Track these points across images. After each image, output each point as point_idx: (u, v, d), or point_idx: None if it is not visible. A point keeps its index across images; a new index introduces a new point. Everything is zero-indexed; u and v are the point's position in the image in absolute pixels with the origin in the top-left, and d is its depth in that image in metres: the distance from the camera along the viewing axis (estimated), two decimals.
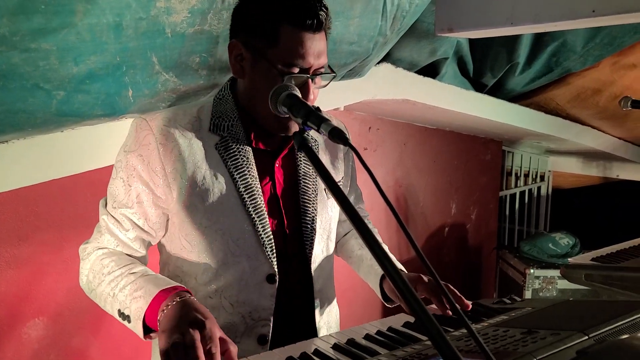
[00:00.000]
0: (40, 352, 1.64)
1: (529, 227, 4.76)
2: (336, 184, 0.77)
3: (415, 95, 2.47)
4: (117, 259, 1.12)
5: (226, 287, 1.15)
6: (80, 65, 1.20)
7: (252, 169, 1.16)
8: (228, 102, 1.18)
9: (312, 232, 1.23)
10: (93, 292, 1.13)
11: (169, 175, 1.11)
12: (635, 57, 2.83)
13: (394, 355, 0.94)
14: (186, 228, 1.14)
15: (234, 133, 1.16)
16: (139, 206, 1.13)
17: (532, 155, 4.69)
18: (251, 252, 1.15)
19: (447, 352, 0.60)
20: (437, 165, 3.56)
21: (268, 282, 1.16)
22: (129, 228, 1.14)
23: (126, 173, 1.13)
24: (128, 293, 1.04)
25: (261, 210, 1.15)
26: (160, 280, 1.06)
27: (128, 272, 1.09)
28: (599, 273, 1.89)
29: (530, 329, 0.95)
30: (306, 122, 0.86)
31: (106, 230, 1.15)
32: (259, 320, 1.16)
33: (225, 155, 1.15)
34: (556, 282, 3.22)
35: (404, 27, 1.95)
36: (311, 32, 1.06)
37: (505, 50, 2.70)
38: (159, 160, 1.11)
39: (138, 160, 1.11)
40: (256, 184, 1.16)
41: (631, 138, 4.11)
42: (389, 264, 0.68)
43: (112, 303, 1.07)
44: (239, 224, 1.14)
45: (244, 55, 1.11)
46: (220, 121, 1.17)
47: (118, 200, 1.13)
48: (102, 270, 1.11)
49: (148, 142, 1.11)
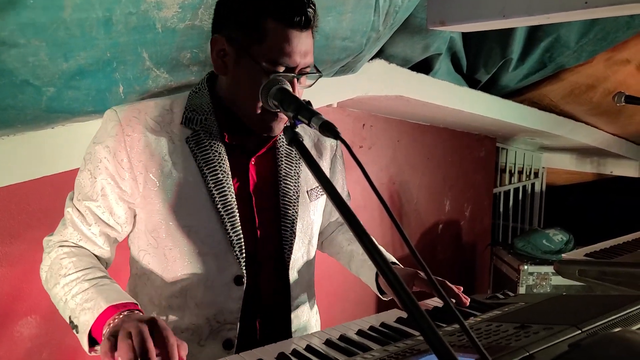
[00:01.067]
0: (32, 351, 1.63)
1: (523, 224, 4.78)
2: (327, 178, 0.77)
3: (408, 91, 2.46)
4: (77, 260, 1.08)
5: (191, 287, 1.12)
6: (70, 61, 1.19)
7: (223, 165, 1.12)
8: (204, 96, 1.15)
9: (291, 235, 1.20)
10: (49, 291, 1.09)
11: (135, 168, 1.08)
12: (629, 53, 2.83)
13: (386, 350, 0.94)
14: (152, 224, 1.11)
15: (207, 127, 1.12)
16: (103, 199, 1.09)
17: (526, 152, 4.70)
18: (219, 252, 1.11)
19: (439, 348, 0.59)
20: (431, 162, 3.56)
21: (235, 284, 1.12)
22: (93, 222, 1.10)
23: (93, 165, 1.09)
24: (79, 302, 1.00)
25: (231, 208, 1.11)
26: (112, 293, 1.00)
27: (83, 278, 1.04)
28: (592, 268, 1.89)
29: (523, 323, 0.95)
30: (297, 116, 0.85)
31: (70, 224, 1.11)
32: (224, 324, 1.12)
33: (196, 150, 1.11)
34: (550, 278, 3.23)
35: (397, 23, 1.94)
36: (298, 30, 1.03)
37: (499, 46, 2.70)
38: (125, 152, 1.08)
39: (105, 151, 1.08)
40: (227, 181, 1.12)
41: (625, 134, 4.13)
42: (380, 259, 0.67)
43: (64, 309, 1.03)
44: (206, 222, 1.10)
45: (227, 51, 1.08)
46: (194, 115, 1.13)
47: (83, 193, 1.10)
48: (59, 271, 1.06)
49: (115, 133, 1.08)
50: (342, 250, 1.43)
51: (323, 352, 0.97)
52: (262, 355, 0.96)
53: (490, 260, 3.92)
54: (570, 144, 4.07)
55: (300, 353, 0.97)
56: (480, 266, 4.16)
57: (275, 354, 0.96)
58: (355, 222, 0.71)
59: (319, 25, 1.64)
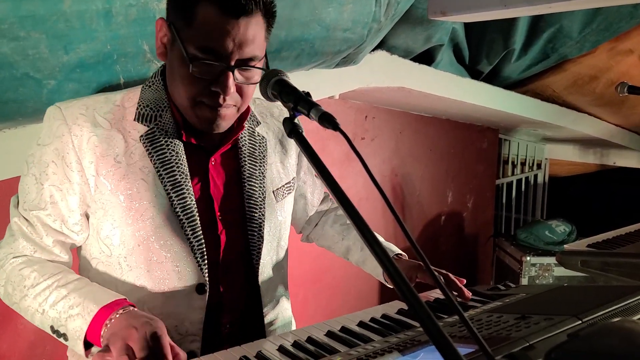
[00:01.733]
0: (36, 343, 1.64)
1: (526, 215, 4.77)
2: (328, 171, 0.76)
3: (410, 82, 2.45)
4: (40, 268, 1.00)
5: (150, 298, 1.04)
6: (71, 53, 1.18)
7: (182, 165, 1.04)
8: (158, 90, 1.06)
9: (259, 240, 1.13)
10: (15, 305, 1.01)
11: (86, 170, 1.00)
12: (632, 43, 2.81)
13: (387, 341, 0.94)
14: (105, 230, 1.02)
15: (162, 125, 1.04)
16: (53, 207, 1.01)
17: (529, 143, 4.68)
18: (178, 259, 1.04)
19: (439, 339, 0.59)
20: (433, 153, 3.55)
21: (197, 292, 1.05)
22: (44, 233, 1.02)
23: (38, 169, 1.01)
24: (62, 310, 0.94)
25: (191, 211, 1.04)
26: (99, 294, 0.95)
27: (57, 285, 0.97)
28: (594, 259, 1.89)
29: (524, 314, 0.95)
30: (296, 107, 0.84)
31: (20, 235, 1.02)
32: (186, 335, 1.06)
33: (151, 149, 1.03)
34: (552, 269, 3.23)
35: (398, 14, 1.93)
36: (233, 16, 0.93)
37: (501, 36, 2.69)
38: (74, 153, 0.99)
39: (52, 154, 1.00)
40: (186, 183, 1.04)
41: (628, 125, 4.11)
42: (380, 251, 0.67)
43: (42, 319, 0.97)
44: (164, 226, 1.02)
45: (167, 34, 1.00)
46: (147, 110, 1.05)
47: (29, 201, 1.01)
48: (22, 282, 0.99)
49: (61, 134, 1.00)
50: (335, 244, 1.39)
51: (325, 343, 0.97)
52: (263, 346, 0.96)
53: (492, 252, 3.92)
54: (573, 135, 4.05)
55: (302, 344, 0.97)
56: (483, 258, 4.16)
57: (277, 346, 0.97)
58: (355, 215, 0.71)
59: (320, 16, 1.64)
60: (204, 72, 0.97)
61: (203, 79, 0.98)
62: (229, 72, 0.96)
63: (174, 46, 0.99)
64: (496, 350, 0.78)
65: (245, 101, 1.05)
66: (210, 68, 0.96)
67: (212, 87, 0.98)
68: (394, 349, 0.88)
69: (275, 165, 1.21)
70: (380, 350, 0.89)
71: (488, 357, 0.58)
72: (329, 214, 1.44)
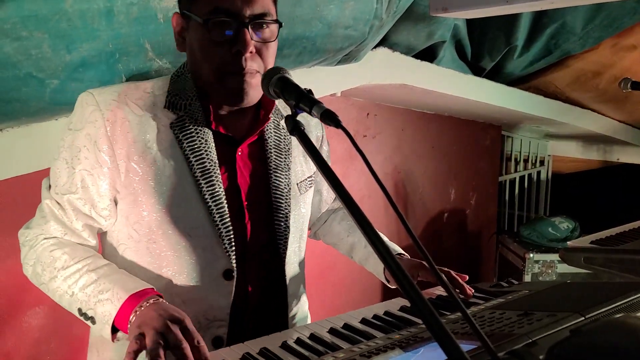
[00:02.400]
0: (41, 341, 1.65)
1: (529, 212, 4.76)
2: (330, 169, 0.76)
3: (412, 79, 2.45)
4: (70, 250, 1.03)
5: (178, 283, 1.06)
6: (73, 52, 1.19)
7: (211, 153, 1.06)
8: (187, 80, 1.08)
9: (285, 230, 1.14)
10: (43, 285, 1.04)
11: (118, 156, 1.02)
12: (635, 39, 2.80)
13: (390, 338, 0.94)
14: (134, 215, 1.04)
15: (191, 113, 1.06)
16: (84, 191, 1.03)
17: (532, 140, 4.67)
18: (206, 245, 1.05)
19: (441, 335, 0.60)
20: (436, 150, 3.55)
21: (225, 278, 1.06)
22: (74, 217, 1.04)
23: (70, 154, 1.03)
24: (91, 294, 0.97)
25: (219, 198, 1.05)
26: (128, 282, 0.98)
27: (87, 269, 1.00)
28: (598, 256, 1.89)
29: (527, 311, 0.95)
30: (298, 104, 0.84)
31: (51, 217, 1.05)
32: (214, 321, 1.07)
33: (181, 136, 1.05)
34: (556, 266, 3.23)
35: (400, 10, 1.93)
36: None
37: (504, 33, 2.68)
38: (107, 138, 1.01)
39: (84, 139, 1.02)
40: (215, 170, 1.06)
41: (631, 121, 4.09)
42: (383, 248, 0.67)
43: (71, 301, 1.00)
44: (193, 213, 1.04)
45: (183, 25, 1.05)
46: (177, 99, 1.07)
47: (60, 185, 1.04)
48: (53, 263, 1.01)
49: (94, 119, 1.01)
50: (341, 240, 1.40)
51: (327, 340, 0.97)
52: (266, 344, 0.97)
53: (495, 249, 3.92)
54: (576, 131, 4.04)
55: (304, 341, 0.98)
56: (486, 255, 4.16)
57: (279, 343, 0.97)
58: (358, 213, 0.71)
59: (322, 14, 1.64)
60: (220, 34, 0.99)
61: (222, 43, 1.00)
62: (244, 29, 0.99)
63: (189, 26, 1.03)
64: (499, 346, 0.78)
65: (268, 65, 1.05)
66: (225, 27, 0.99)
67: (232, 49, 1.00)
68: (396, 346, 0.89)
69: (298, 158, 1.23)
70: (383, 347, 0.89)
71: (491, 353, 0.58)
72: (338, 212, 1.45)
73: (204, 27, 0.99)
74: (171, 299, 1.05)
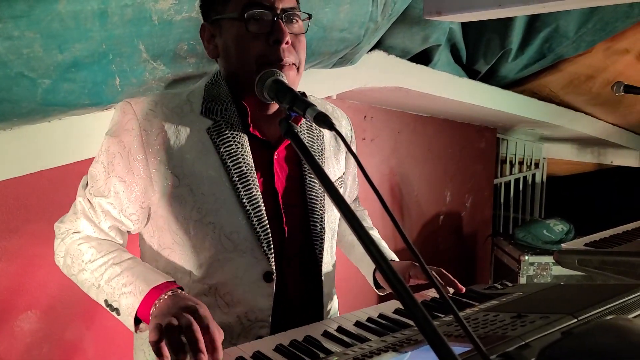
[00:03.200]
0: (33, 345, 1.64)
1: (524, 215, 4.77)
2: (322, 169, 0.76)
3: (408, 82, 2.45)
4: (97, 244, 1.08)
5: (220, 285, 1.09)
6: (65, 53, 1.18)
7: (247, 157, 1.08)
8: (221, 87, 1.11)
9: (321, 231, 1.17)
10: (73, 277, 1.10)
11: (151, 165, 1.05)
12: (628, 43, 2.82)
13: (384, 341, 0.94)
14: (174, 222, 1.08)
15: (227, 117, 1.09)
16: (115, 196, 1.07)
17: (527, 143, 4.69)
18: (246, 248, 1.08)
19: (433, 337, 0.59)
20: (431, 153, 3.55)
21: (265, 280, 1.09)
22: (103, 218, 1.09)
23: (107, 158, 1.07)
24: (116, 287, 1.01)
25: (257, 202, 1.07)
26: (150, 274, 1.02)
27: (112, 262, 1.05)
28: (592, 258, 1.89)
29: (520, 313, 0.95)
30: (292, 107, 0.84)
31: (82, 214, 1.10)
32: (255, 322, 1.10)
33: (218, 141, 1.07)
34: (551, 268, 3.23)
35: (395, 13, 1.93)
36: None
37: (498, 36, 2.69)
38: (142, 148, 1.05)
39: (119, 146, 1.06)
40: (252, 174, 1.08)
41: (625, 124, 4.11)
42: (375, 250, 0.67)
43: (98, 293, 1.04)
44: (232, 217, 1.07)
45: (213, 32, 1.08)
46: (213, 105, 1.09)
47: (97, 187, 1.08)
48: (81, 256, 1.06)
49: (131, 128, 1.05)
50: (344, 237, 1.42)
51: (321, 343, 0.97)
52: (260, 347, 0.96)
53: (491, 251, 3.92)
54: (571, 134, 4.06)
55: (298, 344, 0.97)
56: (481, 257, 4.16)
57: (273, 346, 0.97)
58: (350, 214, 0.71)
59: (317, 17, 1.64)
60: (257, 26, 1.03)
61: (259, 35, 1.03)
62: (279, 20, 1.03)
63: (223, 30, 1.06)
64: (492, 349, 0.78)
65: (302, 59, 1.09)
66: (262, 20, 1.02)
67: (269, 40, 1.03)
68: (390, 349, 0.88)
69: (330, 159, 1.25)
70: (377, 349, 0.89)
71: (482, 356, 0.58)
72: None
73: (241, 21, 1.02)
74: (215, 299, 1.09)
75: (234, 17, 1.02)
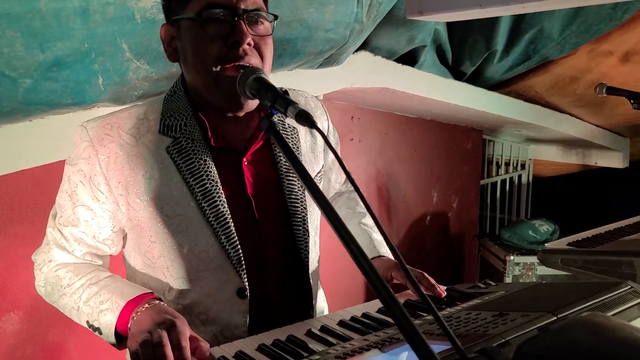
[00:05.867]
0: (15, 347, 1.62)
1: (510, 215, 4.81)
2: (303, 166, 0.76)
3: (394, 83, 2.46)
4: (74, 268, 1.07)
5: (194, 305, 1.07)
6: (47, 52, 1.17)
7: (210, 173, 1.04)
8: (180, 99, 1.06)
9: (304, 234, 1.13)
10: (55, 304, 1.09)
11: (115, 191, 1.03)
12: (612, 45, 2.85)
13: (366, 340, 0.94)
14: (143, 245, 1.06)
15: (187, 133, 1.04)
16: (85, 224, 1.06)
17: (513, 144, 4.73)
18: (217, 266, 1.05)
19: (412, 336, 0.60)
20: (418, 154, 3.57)
21: (239, 297, 1.06)
22: (78, 245, 1.08)
23: (70, 187, 1.05)
24: (94, 306, 1.00)
25: (224, 219, 1.04)
26: (126, 289, 1.01)
27: (89, 283, 1.04)
28: (575, 257, 1.91)
29: (502, 311, 0.96)
30: (274, 105, 0.84)
31: (54, 245, 1.09)
32: (232, 339, 1.05)
33: (179, 160, 1.03)
34: (536, 268, 3.26)
35: (380, 14, 1.94)
36: None
37: (483, 38, 2.71)
38: (102, 174, 1.02)
39: (79, 175, 1.03)
40: (217, 190, 1.04)
41: (608, 125, 4.16)
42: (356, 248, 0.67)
43: (79, 315, 1.03)
44: (199, 236, 1.04)
45: (173, 34, 1.04)
46: (172, 120, 1.05)
47: (65, 217, 1.06)
48: (59, 282, 1.06)
49: (88, 156, 1.02)
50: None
51: (303, 342, 0.97)
52: (242, 347, 0.96)
53: (477, 251, 3.95)
54: (556, 135, 4.10)
55: (280, 343, 0.97)
56: (468, 257, 4.19)
57: (256, 345, 0.96)
58: (331, 212, 0.71)
59: (302, 17, 1.64)
60: (216, 27, 0.98)
61: (217, 38, 0.98)
62: (240, 21, 0.97)
63: (182, 31, 1.01)
64: (472, 346, 0.78)
65: (267, 61, 1.04)
66: (221, 21, 0.97)
67: (228, 42, 0.98)
68: (372, 347, 0.89)
69: (307, 155, 1.20)
70: (359, 348, 0.89)
71: (460, 353, 0.58)
72: (342, 196, 1.44)
73: (198, 22, 0.97)
74: (191, 318, 1.07)
75: (191, 18, 0.98)
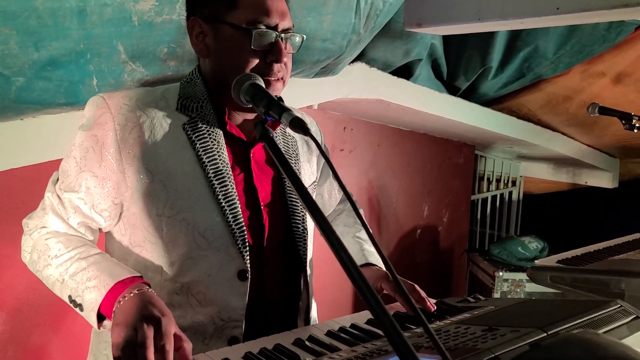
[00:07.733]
0: None
1: (500, 231, 4.82)
2: (296, 174, 0.76)
3: (389, 95, 2.47)
4: (65, 240, 1.05)
5: (193, 284, 1.06)
6: (42, 50, 1.16)
7: (223, 154, 1.07)
8: (197, 85, 1.11)
9: (304, 232, 1.16)
10: (38, 273, 1.07)
11: (125, 159, 1.03)
12: (604, 66, 2.89)
13: (354, 351, 0.93)
14: (147, 218, 1.05)
15: (203, 115, 1.08)
16: (86, 192, 1.05)
17: (504, 161, 4.75)
18: (220, 245, 1.06)
19: (402, 348, 0.59)
20: (410, 167, 3.57)
21: (239, 278, 1.06)
22: (73, 213, 1.07)
23: (79, 153, 1.05)
24: (80, 281, 0.98)
25: (232, 198, 1.06)
26: (115, 268, 1.00)
27: (78, 257, 1.02)
28: (564, 275, 1.92)
29: (491, 326, 0.95)
30: (268, 111, 0.84)
31: (50, 210, 1.07)
32: (229, 322, 1.07)
33: (194, 137, 1.06)
34: (524, 285, 3.26)
35: (378, 26, 1.95)
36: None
37: (479, 54, 2.73)
38: (115, 142, 1.03)
39: (92, 140, 1.04)
40: (227, 170, 1.07)
41: (600, 145, 4.20)
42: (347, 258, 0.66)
43: (62, 288, 1.02)
44: (206, 214, 1.05)
45: (205, 30, 1.07)
46: (189, 102, 1.09)
47: (67, 182, 1.06)
48: (47, 252, 1.04)
49: (104, 122, 1.03)
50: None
51: (291, 352, 0.96)
52: (229, 354, 0.94)
53: (466, 266, 3.95)
54: (547, 153, 4.13)
55: (267, 352, 0.96)
56: (457, 272, 4.19)
57: (242, 354, 0.95)
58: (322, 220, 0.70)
59: (299, 25, 1.64)
60: (260, 43, 1.04)
61: (258, 52, 1.04)
62: (280, 40, 1.05)
63: (220, 34, 1.05)
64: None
65: (288, 74, 1.11)
66: (265, 38, 1.04)
67: (267, 59, 1.05)
68: (360, 359, 0.88)
69: (305, 164, 1.26)
70: (347, 359, 0.88)
71: None
72: (341, 214, 1.46)
73: (246, 34, 1.02)
74: (187, 298, 1.06)
75: (239, 27, 1.03)
